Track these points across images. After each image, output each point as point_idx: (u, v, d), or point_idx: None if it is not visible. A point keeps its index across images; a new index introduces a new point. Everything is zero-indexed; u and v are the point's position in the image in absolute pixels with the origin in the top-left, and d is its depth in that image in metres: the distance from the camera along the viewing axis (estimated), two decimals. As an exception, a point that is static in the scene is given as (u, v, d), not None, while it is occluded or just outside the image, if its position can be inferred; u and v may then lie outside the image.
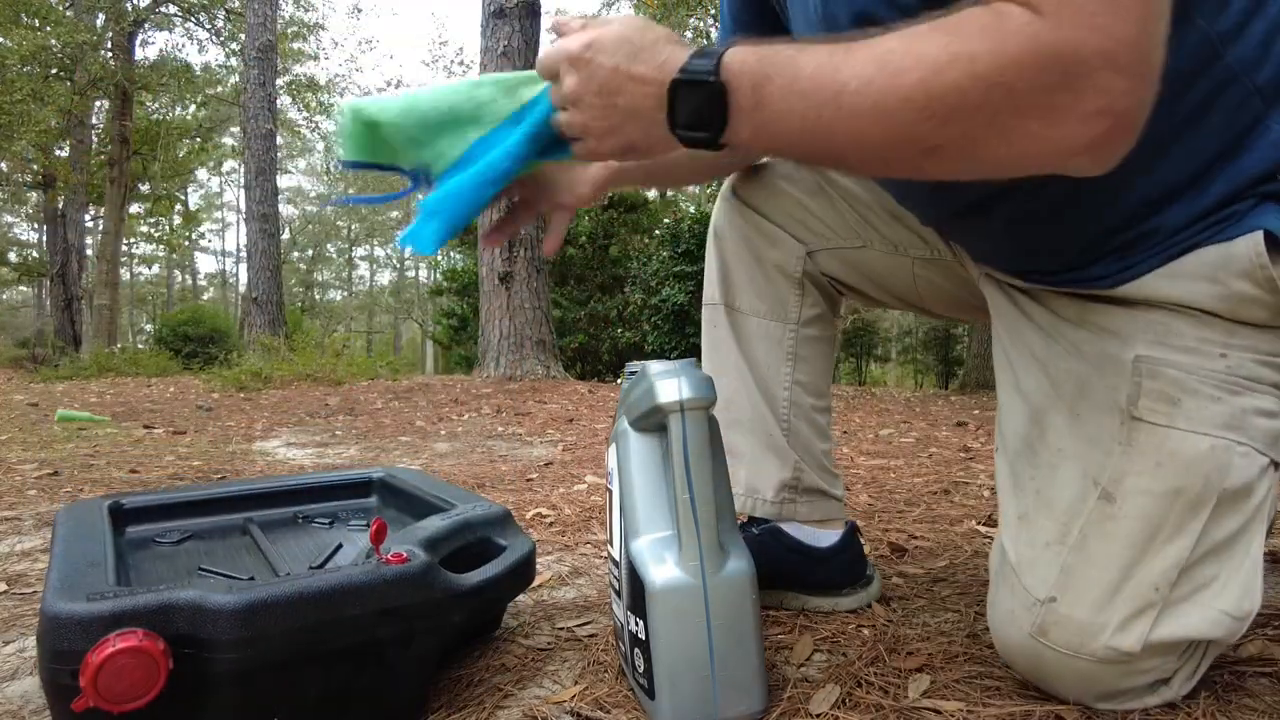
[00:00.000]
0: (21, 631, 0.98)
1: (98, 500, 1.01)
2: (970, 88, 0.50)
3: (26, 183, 15.54)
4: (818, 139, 0.55)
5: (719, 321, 1.03)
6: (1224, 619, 0.67)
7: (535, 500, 1.75)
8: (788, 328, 1.02)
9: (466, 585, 0.77)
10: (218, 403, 4.71)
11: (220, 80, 17.43)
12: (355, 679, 0.69)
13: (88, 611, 0.61)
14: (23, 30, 11.99)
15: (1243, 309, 0.66)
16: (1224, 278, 0.65)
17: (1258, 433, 0.67)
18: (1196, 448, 0.66)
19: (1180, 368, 0.67)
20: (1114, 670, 0.69)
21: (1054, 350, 0.75)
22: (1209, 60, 0.61)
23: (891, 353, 18.18)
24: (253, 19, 9.36)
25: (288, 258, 28.68)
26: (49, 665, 0.60)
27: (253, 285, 9.19)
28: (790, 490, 1.02)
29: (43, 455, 2.50)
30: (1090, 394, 0.71)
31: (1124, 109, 0.49)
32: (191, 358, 10.52)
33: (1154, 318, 0.69)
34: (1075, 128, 0.50)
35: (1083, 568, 0.69)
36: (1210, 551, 0.67)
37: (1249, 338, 0.67)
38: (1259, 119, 0.63)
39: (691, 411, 0.69)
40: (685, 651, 0.69)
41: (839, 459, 2.39)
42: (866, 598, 1.02)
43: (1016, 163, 0.53)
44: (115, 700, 0.58)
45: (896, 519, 1.54)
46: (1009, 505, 0.77)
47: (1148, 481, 0.67)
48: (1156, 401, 0.67)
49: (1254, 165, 0.64)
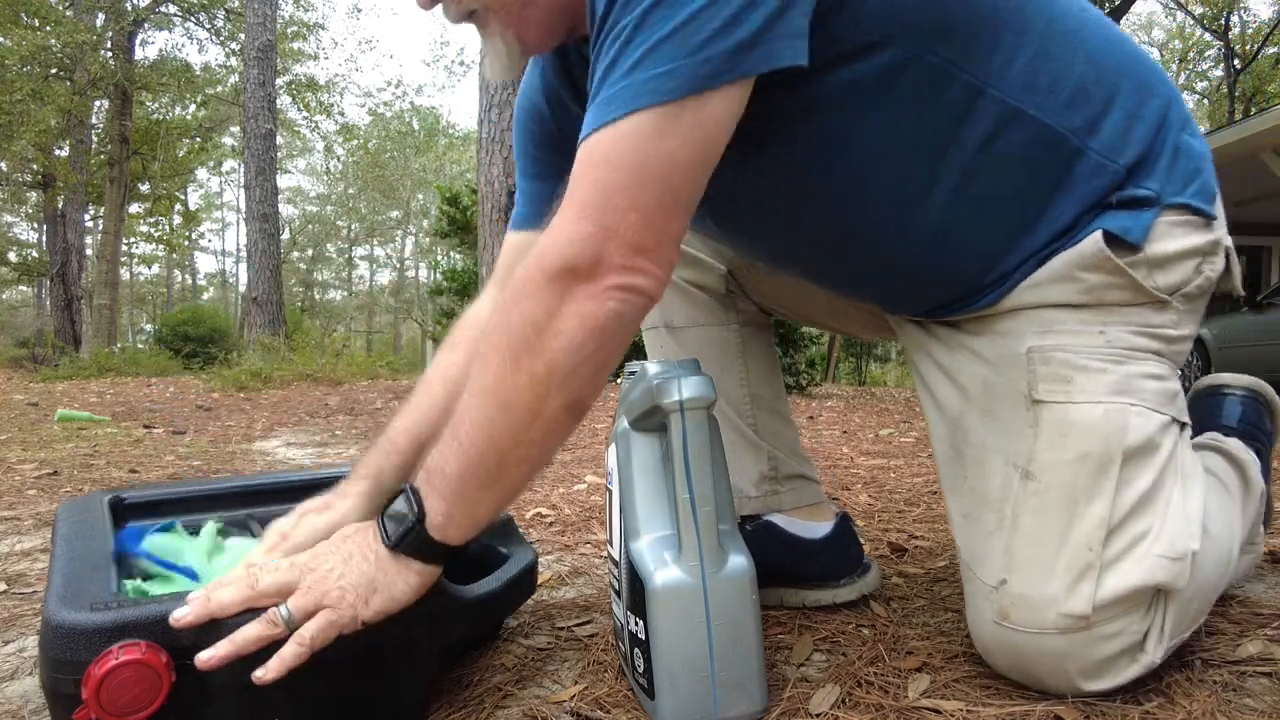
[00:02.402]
0: (21, 631, 0.98)
1: (98, 495, 0.99)
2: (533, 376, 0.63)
3: (26, 182, 15.54)
4: (499, 486, 0.67)
5: (664, 342, 1.08)
6: (1162, 563, 0.71)
7: (535, 500, 1.75)
8: (729, 329, 1.06)
9: (469, 597, 0.77)
10: (217, 403, 4.71)
11: (220, 80, 17.43)
12: (356, 688, 0.69)
13: (90, 622, 0.60)
14: (23, 30, 11.99)
15: (1104, 295, 0.75)
16: (1078, 275, 0.75)
17: (1149, 394, 0.75)
18: (1093, 414, 0.73)
19: (1067, 349, 0.75)
20: (1080, 640, 0.71)
21: (958, 360, 0.83)
22: (1012, 118, 0.72)
23: (891, 353, 18.17)
24: (252, 19, 9.36)
25: (288, 258, 28.66)
26: (51, 674, 0.60)
27: (253, 285, 9.19)
28: (770, 481, 1.04)
29: (43, 455, 2.50)
30: (996, 391, 0.79)
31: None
32: (191, 358, 10.51)
33: (1037, 314, 0.77)
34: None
35: (1022, 545, 0.74)
36: (1136, 507, 0.72)
37: (1120, 314, 0.76)
38: (1079, 152, 0.74)
39: (691, 411, 0.69)
40: (685, 651, 0.69)
41: (839, 459, 2.39)
42: (865, 586, 1.02)
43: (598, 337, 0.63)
44: (118, 713, 0.58)
45: (896, 519, 1.54)
46: (954, 509, 0.83)
47: (1057, 453, 0.74)
48: (1052, 383, 0.75)
49: (1090, 194, 0.75)
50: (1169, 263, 0.75)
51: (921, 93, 0.70)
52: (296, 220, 32.42)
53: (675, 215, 0.64)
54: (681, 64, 0.59)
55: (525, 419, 0.63)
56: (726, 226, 0.92)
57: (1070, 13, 0.74)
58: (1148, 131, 0.75)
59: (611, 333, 0.63)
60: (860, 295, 0.94)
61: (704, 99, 0.60)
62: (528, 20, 0.74)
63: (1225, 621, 0.92)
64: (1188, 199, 0.75)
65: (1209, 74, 22.38)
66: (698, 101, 0.60)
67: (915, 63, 0.69)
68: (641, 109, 0.60)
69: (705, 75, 0.60)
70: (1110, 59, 0.75)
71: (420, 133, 29.89)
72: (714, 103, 0.61)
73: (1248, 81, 18.65)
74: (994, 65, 0.70)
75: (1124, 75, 0.75)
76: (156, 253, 28.93)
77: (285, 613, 0.63)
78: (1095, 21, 0.76)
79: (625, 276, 0.62)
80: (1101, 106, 0.74)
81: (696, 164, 0.63)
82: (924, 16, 0.68)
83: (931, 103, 0.71)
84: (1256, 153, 6.60)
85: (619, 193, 0.61)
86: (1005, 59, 0.71)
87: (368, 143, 24.34)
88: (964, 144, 0.72)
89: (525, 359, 0.63)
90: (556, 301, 0.62)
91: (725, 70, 0.60)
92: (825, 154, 0.74)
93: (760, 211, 0.84)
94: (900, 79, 0.70)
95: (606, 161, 0.62)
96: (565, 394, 0.63)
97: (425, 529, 0.67)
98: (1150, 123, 0.75)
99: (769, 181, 0.79)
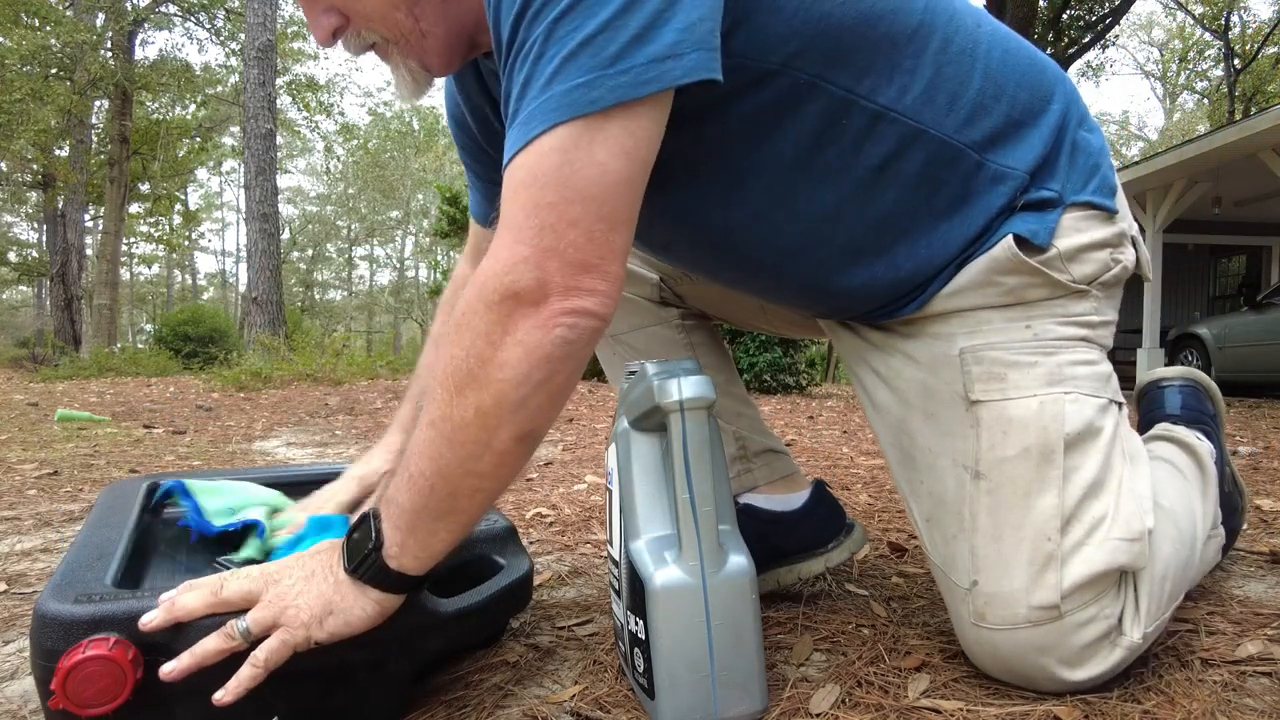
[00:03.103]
0: (21, 631, 0.98)
1: (139, 480, 1.03)
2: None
3: (26, 182, 15.54)
4: (453, 517, 0.65)
5: (614, 349, 1.09)
6: (1122, 545, 0.73)
7: (535, 500, 1.75)
8: (672, 325, 1.08)
9: (446, 612, 0.74)
10: (217, 402, 4.71)
11: (220, 80, 17.43)
12: (324, 698, 0.69)
13: (69, 614, 0.62)
14: (23, 30, 11.99)
15: (1024, 294, 0.78)
16: (996, 279, 0.77)
17: (1082, 379, 0.77)
18: (1029, 408, 0.75)
19: (997, 347, 0.77)
20: (1054, 630, 0.72)
21: (893, 364, 0.84)
22: (912, 139, 0.73)
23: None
24: (252, 19, 9.36)
25: (288, 258, 28.68)
26: (38, 661, 0.62)
27: (253, 285, 9.18)
28: (741, 460, 1.06)
29: (43, 455, 2.50)
30: (934, 394, 0.80)
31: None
32: (191, 357, 10.52)
33: (964, 315, 0.79)
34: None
35: (984, 545, 0.76)
36: (1088, 493, 0.74)
37: (1044, 308, 0.78)
38: (980, 165, 0.75)
39: (691, 411, 0.69)
40: (685, 651, 0.69)
41: (839, 459, 2.39)
42: (853, 545, 1.03)
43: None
44: (83, 705, 0.59)
45: (896, 519, 1.54)
46: (915, 513, 0.84)
47: (1001, 450, 0.75)
48: (987, 382, 0.77)
49: (996, 201, 0.77)
50: (1080, 255, 0.77)
51: (821, 119, 0.71)
52: (296, 220, 32.42)
53: (616, 228, 0.61)
54: (599, 75, 0.58)
55: (474, 452, 0.62)
56: (643, 249, 0.95)
57: (965, 29, 0.75)
58: (1046, 135, 0.77)
59: (560, 359, 0.61)
60: (785, 306, 0.95)
61: (629, 110, 0.59)
62: (427, 49, 0.74)
63: (1225, 621, 0.92)
64: (1089, 196, 0.78)
65: (1209, 74, 22.38)
66: (623, 111, 0.59)
67: (812, 90, 0.70)
68: (563, 122, 0.58)
69: (626, 85, 0.58)
70: (1007, 70, 0.76)
71: (420, 133, 29.90)
72: (638, 114, 0.60)
73: (1248, 81, 18.65)
74: (892, 89, 0.72)
75: (1021, 85, 0.77)
76: (156, 253, 28.94)
77: (243, 626, 0.63)
78: (991, 35, 0.77)
79: (572, 299, 0.60)
80: (1000, 119, 0.76)
81: (628, 178, 0.61)
82: (818, 44, 0.68)
83: (831, 129, 0.71)
84: (1256, 152, 6.60)
85: (551, 210, 0.59)
86: (903, 82, 0.72)
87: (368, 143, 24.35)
88: (866, 165, 0.74)
89: (471, 392, 0.61)
90: (499, 332, 0.60)
91: (646, 81, 0.58)
92: (728, 185, 0.75)
93: (670, 241, 0.86)
94: (799, 106, 0.70)
95: (535, 180, 0.59)
96: (515, 426, 0.61)
97: (382, 558, 0.65)
98: (1048, 126, 0.78)
99: (674, 214, 0.79)
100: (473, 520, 0.67)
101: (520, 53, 0.61)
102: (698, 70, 0.60)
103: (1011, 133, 0.76)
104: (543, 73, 0.59)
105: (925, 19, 0.73)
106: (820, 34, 0.68)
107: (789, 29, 0.67)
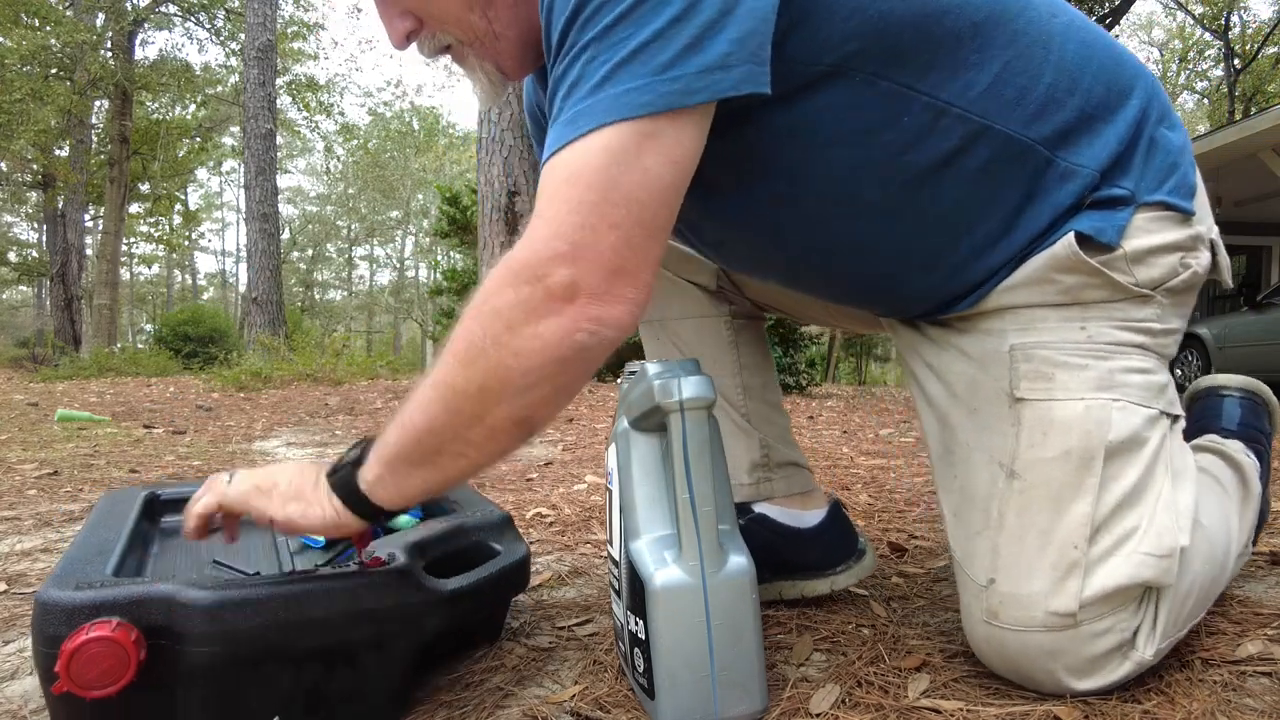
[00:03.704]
0: (21, 631, 0.98)
1: (137, 489, 1.05)
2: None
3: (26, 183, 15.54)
4: (431, 471, 0.67)
5: (659, 335, 1.08)
6: (1149, 560, 0.71)
7: (535, 500, 1.75)
8: (721, 320, 1.07)
9: (444, 591, 0.76)
10: (218, 403, 4.71)
11: (220, 80, 17.43)
12: (328, 679, 0.69)
13: (70, 600, 0.63)
14: (23, 30, 11.99)
15: (1082, 294, 0.75)
16: (1054, 276, 0.75)
17: (1133, 388, 0.74)
18: (1074, 411, 0.73)
19: (1048, 346, 0.75)
20: (1067, 638, 0.71)
21: (945, 358, 0.83)
22: (978, 134, 0.72)
23: (891, 352, 18.17)
24: (252, 19, 9.36)
25: (288, 258, 28.65)
26: (39, 649, 0.63)
27: (253, 285, 9.18)
28: (763, 469, 1.05)
29: (43, 455, 2.50)
30: (980, 389, 0.79)
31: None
32: (191, 357, 10.52)
33: (1019, 312, 0.78)
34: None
35: (1008, 544, 0.74)
36: (1122, 503, 0.72)
37: (1101, 310, 0.76)
38: (1049, 161, 0.74)
39: (691, 411, 0.69)
40: (685, 651, 0.69)
41: (839, 459, 2.39)
42: (861, 571, 1.02)
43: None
44: (87, 686, 0.60)
45: (896, 519, 1.54)
46: (945, 507, 0.83)
47: (1040, 450, 0.74)
48: (1034, 380, 0.75)
49: (1063, 199, 0.75)
50: (1148, 258, 0.75)
51: (882, 118, 0.70)
52: (296, 220, 32.41)
53: (654, 236, 0.61)
54: (651, 80, 0.58)
55: (468, 422, 0.63)
56: (703, 251, 0.95)
57: (1038, 21, 0.73)
58: (1122, 131, 0.75)
59: (574, 362, 0.61)
60: (843, 304, 0.95)
61: (677, 117, 0.59)
62: (501, 51, 0.75)
63: (1225, 621, 0.92)
64: (1163, 195, 0.75)
65: (1209, 74, 22.38)
66: (671, 119, 0.59)
67: (871, 89, 0.69)
68: (612, 123, 0.58)
69: (677, 93, 0.58)
70: (1082, 63, 0.74)
71: (420, 133, 29.88)
72: (685, 123, 0.60)
73: (1248, 81, 18.65)
74: (956, 85, 0.70)
75: (1097, 79, 0.75)
76: (156, 253, 28.94)
77: (227, 476, 0.73)
78: (1067, 27, 0.75)
79: (600, 306, 0.60)
80: (1073, 114, 0.73)
81: (670, 185, 0.61)
82: (876, 43, 0.68)
83: (893, 126, 0.71)
84: (1256, 152, 6.61)
85: (593, 210, 0.59)
86: (969, 78, 0.70)
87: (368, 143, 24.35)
88: (930, 163, 0.72)
89: (478, 368, 0.61)
90: (521, 320, 0.60)
91: (696, 90, 0.59)
92: (790, 186, 0.74)
93: (728, 242, 0.86)
94: (859, 106, 0.70)
95: (578, 178, 0.59)
96: (513, 409, 0.62)
97: (355, 476, 0.69)
98: (1125, 122, 0.75)
99: (730, 214, 0.79)
100: (450, 479, 0.68)
101: (571, 53, 0.62)
102: (746, 83, 0.60)
103: (1084, 128, 0.74)
104: (594, 75, 0.60)
105: (993, 12, 0.71)
106: (878, 33, 0.67)
107: (846, 29, 0.67)
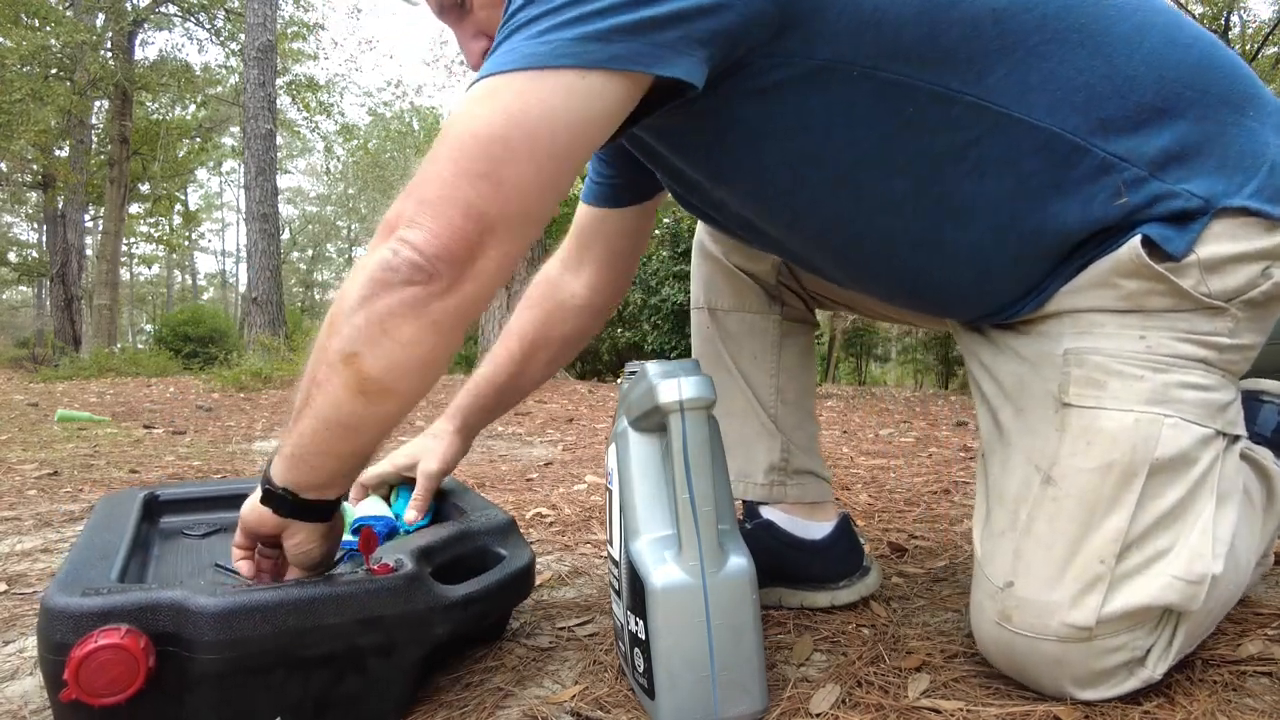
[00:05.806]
0: (21, 631, 0.98)
1: (135, 490, 1.04)
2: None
3: (26, 183, 15.54)
4: (306, 410, 0.68)
5: (706, 322, 1.08)
6: (1175, 584, 0.69)
7: (535, 500, 1.75)
8: (770, 319, 1.06)
9: (452, 597, 0.76)
10: (218, 403, 4.71)
11: (220, 80, 17.41)
12: (336, 686, 0.69)
13: (78, 606, 0.62)
14: (23, 30, 11.98)
15: (1145, 301, 0.72)
16: (1116, 281, 0.72)
17: (1189, 405, 0.71)
18: (1122, 423, 0.70)
19: (1103, 353, 0.73)
20: (1079, 650, 0.70)
21: (1000, 358, 0.82)
22: (1025, 135, 0.69)
23: (891, 352, 18.16)
24: (252, 19, 9.35)
25: (288, 258, 28.65)
26: (45, 656, 0.62)
27: (253, 285, 9.17)
28: (779, 472, 1.04)
29: (43, 455, 2.50)
30: (1029, 389, 0.77)
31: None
32: (191, 358, 10.52)
33: (1077, 316, 0.75)
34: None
35: (1032, 550, 0.73)
36: (1158, 523, 0.70)
37: (1165, 320, 0.72)
38: (1112, 166, 0.70)
39: (691, 411, 0.69)
40: (685, 651, 0.69)
41: (839, 459, 2.39)
42: (864, 589, 1.02)
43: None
44: (96, 694, 0.59)
45: (896, 519, 1.54)
46: (980, 503, 0.83)
47: (1081, 460, 0.71)
48: (1084, 387, 0.73)
49: (1134, 204, 0.71)
50: (1224, 266, 0.70)
51: (887, 108, 0.69)
52: (296, 220, 32.40)
53: (470, 182, 0.62)
54: (562, 43, 0.61)
55: (318, 357, 0.66)
56: (764, 250, 0.95)
57: (1081, 7, 0.70)
58: (1186, 127, 0.70)
59: (380, 284, 0.62)
60: (896, 305, 0.93)
61: (584, 74, 0.61)
62: None
63: (1225, 621, 0.92)
64: (1246, 200, 0.70)
65: (1209, 74, 22.33)
66: (577, 73, 0.61)
67: (915, 93, 0.68)
68: (528, 69, 0.61)
69: (589, 55, 0.61)
70: (1140, 51, 0.70)
71: (420, 133, 29.86)
72: (593, 82, 0.61)
73: (1248, 81, 18.62)
74: (1011, 88, 0.68)
75: (1165, 69, 0.70)
76: (156, 253, 28.91)
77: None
78: (1159, 28, 0.71)
79: (406, 229, 0.62)
80: (1151, 114, 0.70)
81: (573, 133, 0.63)
82: (874, 37, 0.66)
83: (898, 116, 0.70)
84: (1256, 153, 6.58)
85: (432, 156, 0.63)
86: (1021, 80, 0.69)
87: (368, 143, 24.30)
88: (982, 168, 0.71)
89: (336, 303, 0.65)
90: (370, 252, 0.64)
91: (610, 58, 0.61)
92: (803, 179, 0.74)
93: (783, 241, 0.85)
94: (901, 106, 0.69)
95: (478, 102, 0.62)
96: (340, 341, 0.64)
97: (270, 470, 0.72)
98: (1194, 116, 0.70)
99: (776, 216, 0.80)
100: (321, 442, 0.68)
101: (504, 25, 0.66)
102: (665, 66, 0.62)
103: (1157, 132, 0.70)
104: (519, 35, 0.64)
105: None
106: (873, 26, 0.66)
107: (839, 25, 0.66)
